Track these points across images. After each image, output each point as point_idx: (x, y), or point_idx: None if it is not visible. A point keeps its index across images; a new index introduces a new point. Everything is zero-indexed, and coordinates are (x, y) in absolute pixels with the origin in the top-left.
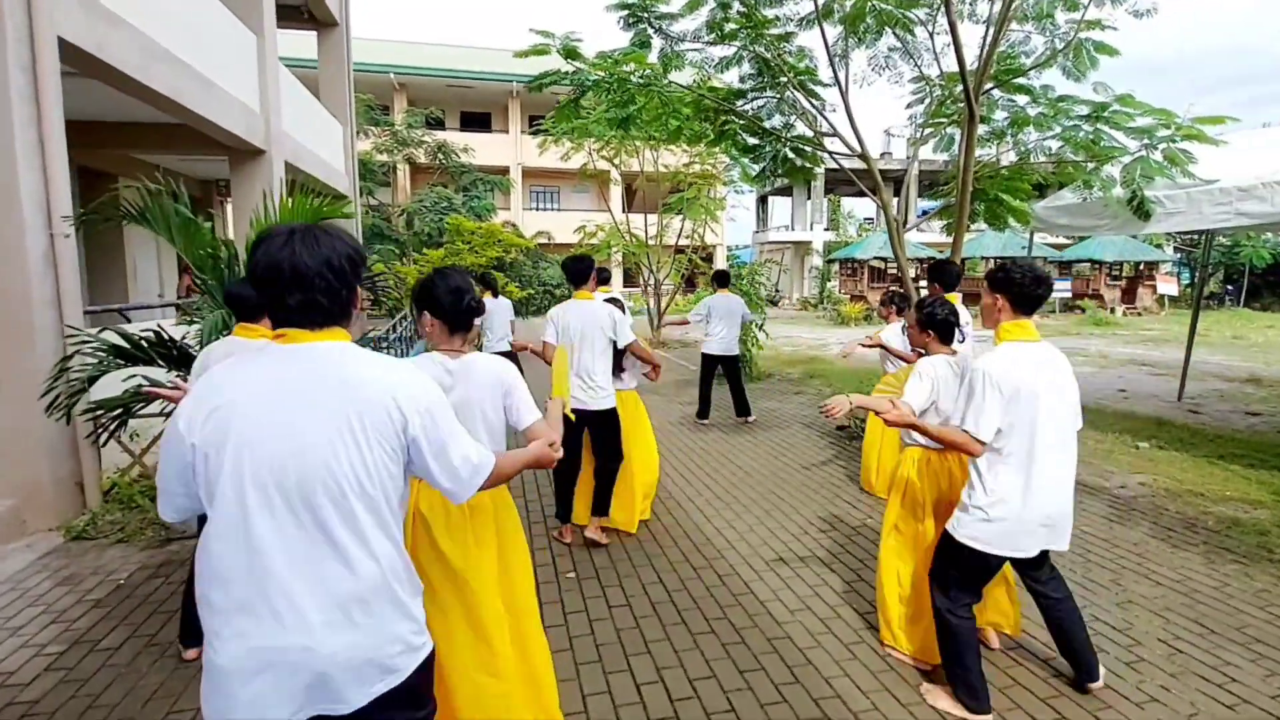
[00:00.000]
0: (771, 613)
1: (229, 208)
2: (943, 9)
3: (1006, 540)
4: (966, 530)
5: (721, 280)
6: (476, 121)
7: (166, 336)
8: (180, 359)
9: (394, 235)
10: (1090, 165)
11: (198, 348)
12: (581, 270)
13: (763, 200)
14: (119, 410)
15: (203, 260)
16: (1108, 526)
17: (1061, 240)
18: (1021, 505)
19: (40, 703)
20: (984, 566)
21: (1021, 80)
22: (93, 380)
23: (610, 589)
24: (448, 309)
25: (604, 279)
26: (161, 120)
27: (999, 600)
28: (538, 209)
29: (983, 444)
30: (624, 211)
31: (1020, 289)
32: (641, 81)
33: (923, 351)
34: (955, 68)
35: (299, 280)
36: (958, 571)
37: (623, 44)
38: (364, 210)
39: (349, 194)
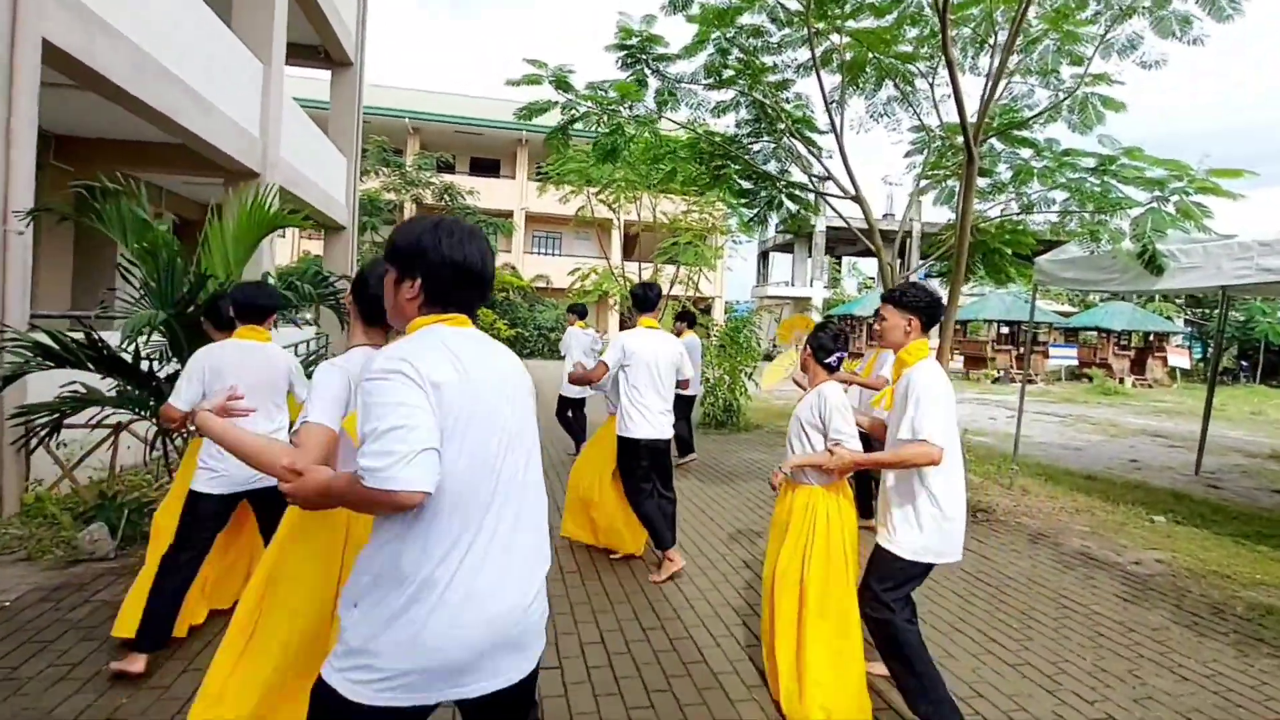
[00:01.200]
0: (725, 686)
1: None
2: (943, 60)
3: (952, 545)
4: (917, 543)
5: (689, 321)
6: (486, 167)
7: (97, 340)
8: (110, 363)
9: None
10: (1097, 217)
11: (129, 351)
12: (652, 299)
13: (764, 256)
14: (53, 416)
15: (142, 255)
16: (1122, 607)
17: (1067, 308)
18: (962, 507)
19: None
20: (922, 576)
21: (1025, 133)
22: (9, 380)
23: (570, 660)
24: (368, 299)
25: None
26: (161, 139)
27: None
28: (539, 253)
29: (940, 449)
30: (623, 259)
31: (930, 309)
32: (631, 114)
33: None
34: (955, 117)
35: (489, 277)
36: (902, 589)
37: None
38: (369, 245)
39: (346, 225)
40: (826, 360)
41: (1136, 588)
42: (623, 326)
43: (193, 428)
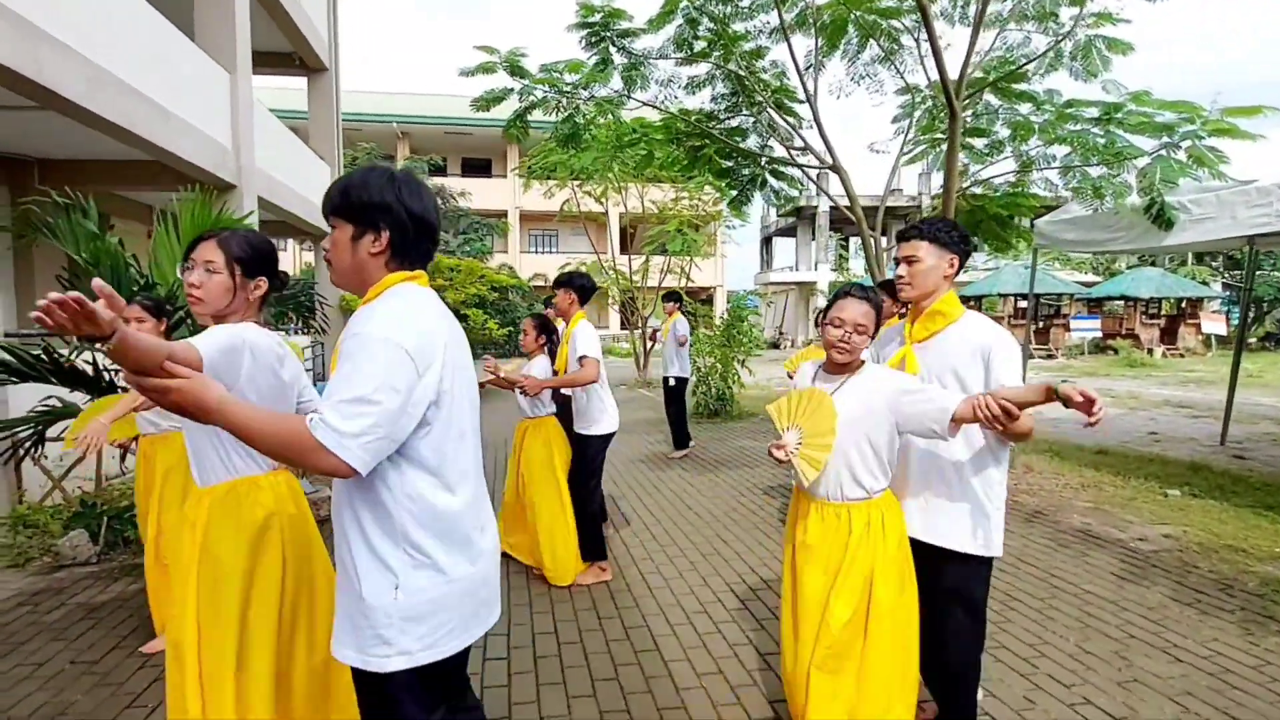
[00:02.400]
0: (674, 674)
1: None
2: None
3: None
4: (998, 538)
5: (677, 300)
6: (477, 167)
7: (56, 354)
8: (72, 375)
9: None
10: (1100, 172)
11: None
12: (590, 289)
13: (766, 241)
14: (33, 430)
15: (90, 266)
16: (1117, 585)
17: (1090, 277)
18: None
19: None
20: None
21: (1023, 86)
22: None
23: (495, 638)
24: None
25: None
26: (140, 158)
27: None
28: (536, 252)
29: None
30: (622, 253)
31: (968, 251)
32: (591, 96)
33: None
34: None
35: (439, 230)
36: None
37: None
38: None
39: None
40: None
41: (1136, 565)
42: (624, 323)
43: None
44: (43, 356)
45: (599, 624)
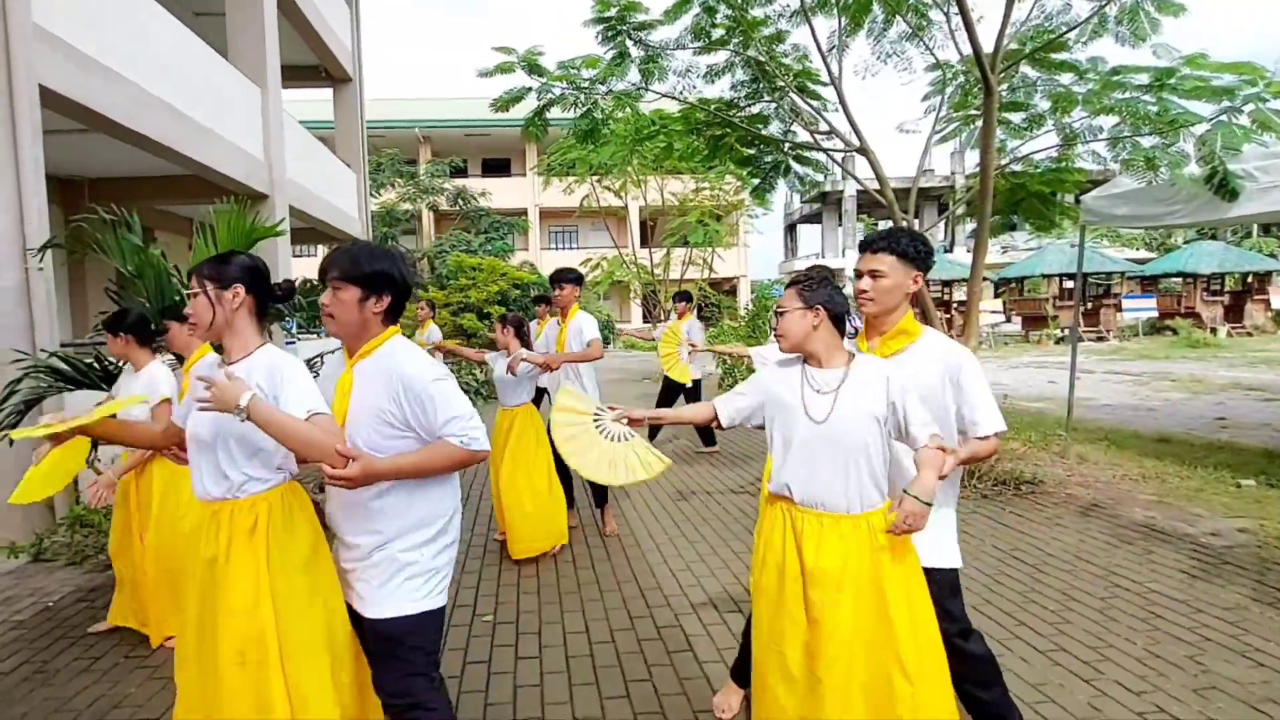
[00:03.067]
0: (710, 676)
1: None
2: None
3: None
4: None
5: (686, 299)
6: (497, 167)
7: (107, 362)
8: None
9: (417, 281)
10: (1153, 142)
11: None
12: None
13: (790, 229)
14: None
15: (142, 268)
16: (1187, 584)
17: (1144, 254)
18: None
19: None
20: None
21: (1063, 56)
22: (31, 404)
23: (526, 637)
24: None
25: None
26: (181, 173)
27: None
28: (556, 248)
29: None
30: (642, 246)
31: (930, 264)
32: (609, 91)
33: None
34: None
35: None
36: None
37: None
38: None
39: (363, 237)
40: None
41: (1208, 562)
42: (645, 316)
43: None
44: (95, 365)
45: (631, 623)
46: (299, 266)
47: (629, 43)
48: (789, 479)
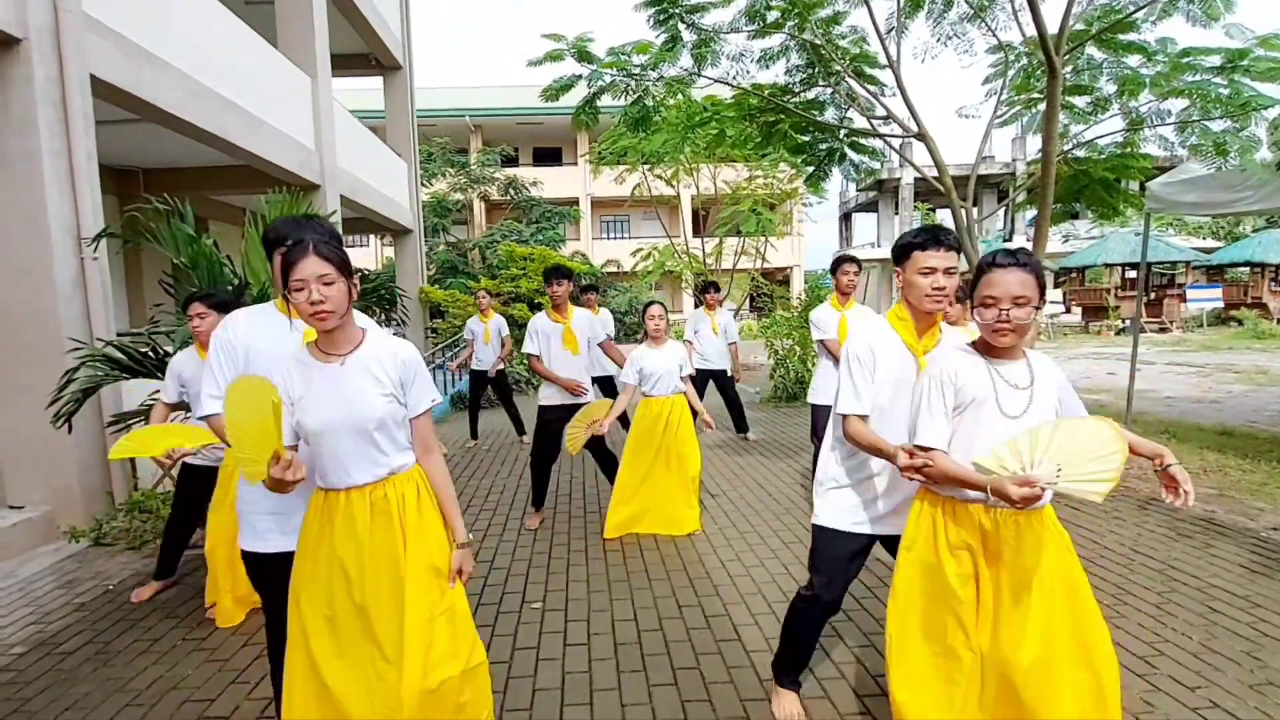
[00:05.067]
0: (756, 665)
1: None
2: None
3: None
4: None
5: (713, 289)
6: (548, 156)
7: (162, 351)
8: None
9: (468, 270)
10: (1224, 127)
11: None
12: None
13: (845, 218)
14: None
15: (196, 258)
16: (1248, 579)
17: (1210, 242)
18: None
19: None
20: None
21: (1131, 37)
22: (89, 392)
23: (574, 624)
24: None
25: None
26: (229, 162)
27: None
28: (608, 238)
29: None
30: (694, 236)
31: None
32: (660, 78)
33: None
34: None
35: None
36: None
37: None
38: (443, 246)
39: (412, 227)
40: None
41: (1270, 557)
42: (697, 305)
43: None
44: (150, 354)
45: (679, 611)
46: (363, 256)
47: (681, 27)
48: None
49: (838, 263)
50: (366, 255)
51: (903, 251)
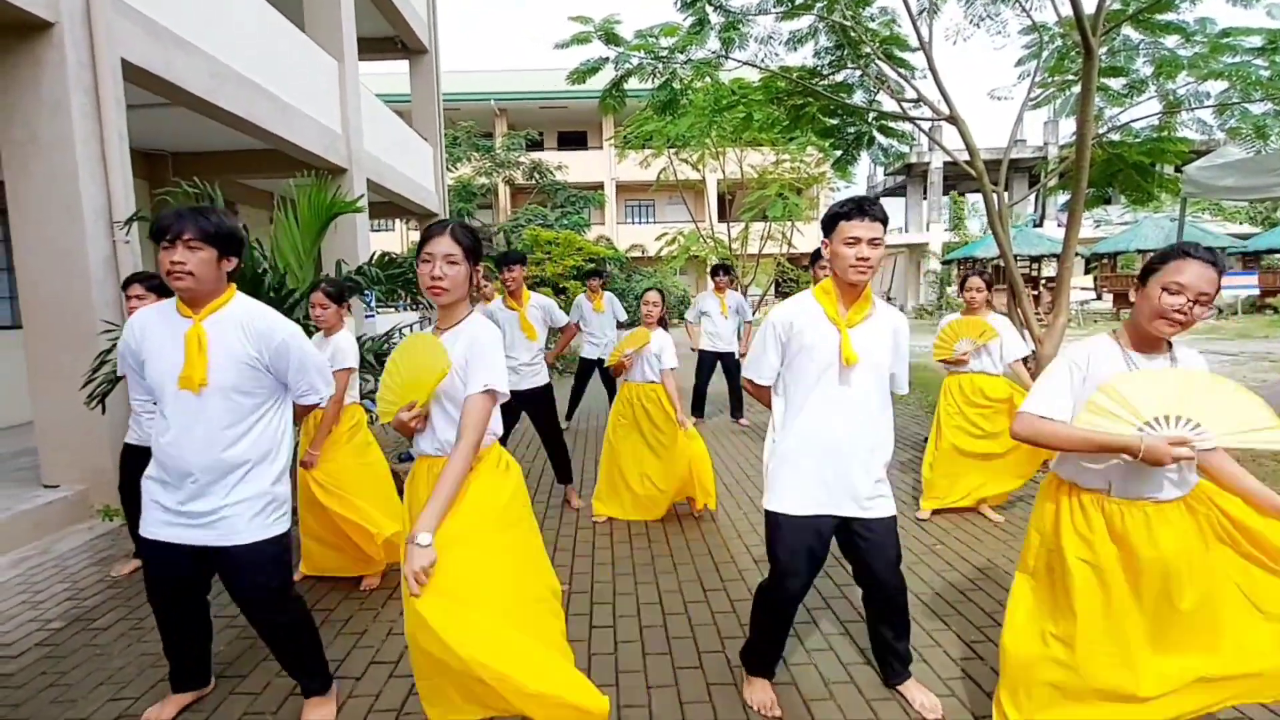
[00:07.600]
0: (820, 667)
1: None
2: None
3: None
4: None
5: (725, 272)
6: (573, 140)
7: None
8: None
9: (492, 254)
10: (1264, 109)
11: None
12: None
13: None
14: None
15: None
16: None
17: (1247, 228)
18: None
19: (14, 676)
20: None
21: (1169, 16)
22: (119, 378)
23: (600, 607)
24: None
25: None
26: (257, 146)
27: None
28: (632, 223)
29: None
30: (720, 220)
31: None
32: (688, 61)
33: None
34: (1070, 8)
35: None
36: None
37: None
38: None
39: (439, 212)
40: None
41: None
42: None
43: None
44: None
45: (705, 596)
46: (376, 240)
47: (709, 8)
48: (1111, 475)
49: None
50: (392, 239)
51: (830, 222)
